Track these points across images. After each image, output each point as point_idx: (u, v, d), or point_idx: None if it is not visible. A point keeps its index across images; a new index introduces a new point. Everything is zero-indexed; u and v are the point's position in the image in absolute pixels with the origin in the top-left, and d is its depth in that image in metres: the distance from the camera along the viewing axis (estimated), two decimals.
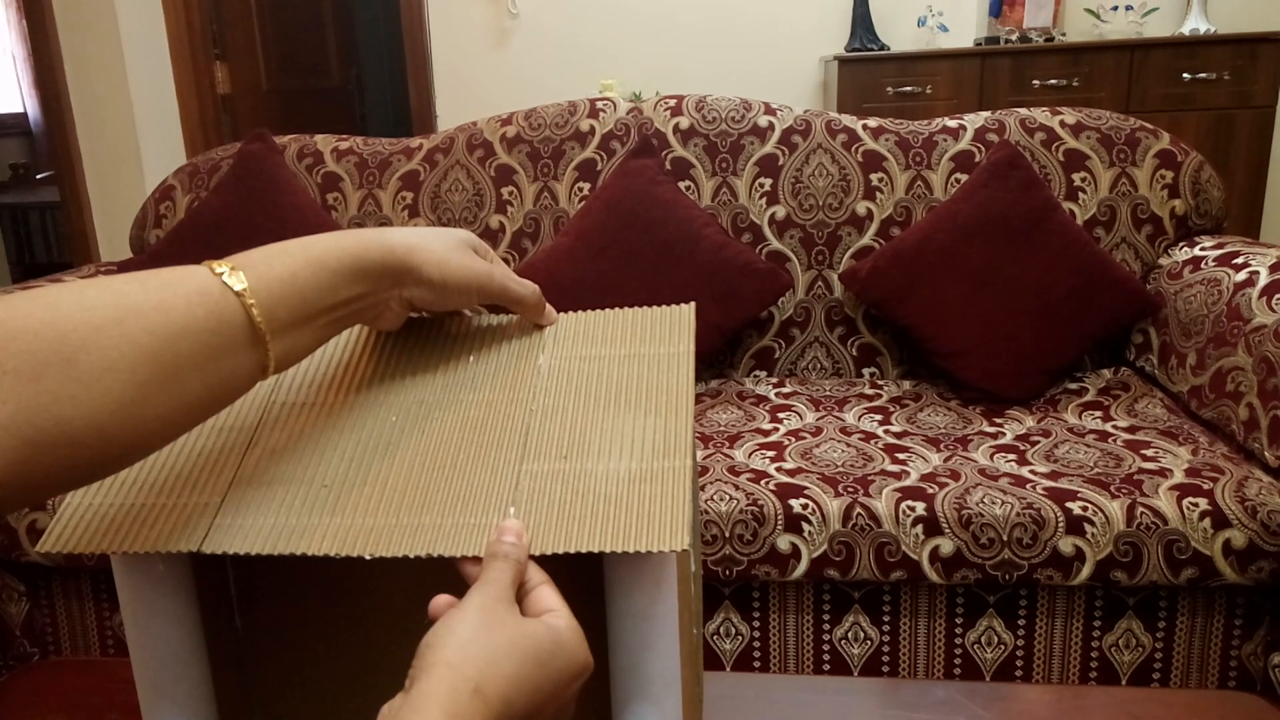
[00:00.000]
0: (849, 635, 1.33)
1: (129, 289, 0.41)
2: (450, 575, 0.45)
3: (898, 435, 1.49)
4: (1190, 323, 1.55)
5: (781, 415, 1.59)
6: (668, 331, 0.54)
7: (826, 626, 1.33)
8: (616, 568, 0.45)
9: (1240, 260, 1.51)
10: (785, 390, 1.73)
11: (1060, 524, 1.22)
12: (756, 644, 1.34)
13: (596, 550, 0.43)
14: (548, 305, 0.57)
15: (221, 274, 0.44)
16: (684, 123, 1.88)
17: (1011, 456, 1.38)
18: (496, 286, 0.54)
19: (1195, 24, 3.28)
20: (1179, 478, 1.26)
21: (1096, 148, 1.78)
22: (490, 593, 0.42)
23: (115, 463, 0.41)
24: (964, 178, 1.78)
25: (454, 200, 1.91)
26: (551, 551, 0.44)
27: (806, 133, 1.85)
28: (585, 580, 0.51)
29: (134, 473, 0.49)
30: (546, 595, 0.44)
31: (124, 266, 1.92)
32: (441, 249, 0.52)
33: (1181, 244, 1.74)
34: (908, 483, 1.30)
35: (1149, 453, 1.36)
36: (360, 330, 0.58)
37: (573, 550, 0.43)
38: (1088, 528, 1.21)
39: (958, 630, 1.31)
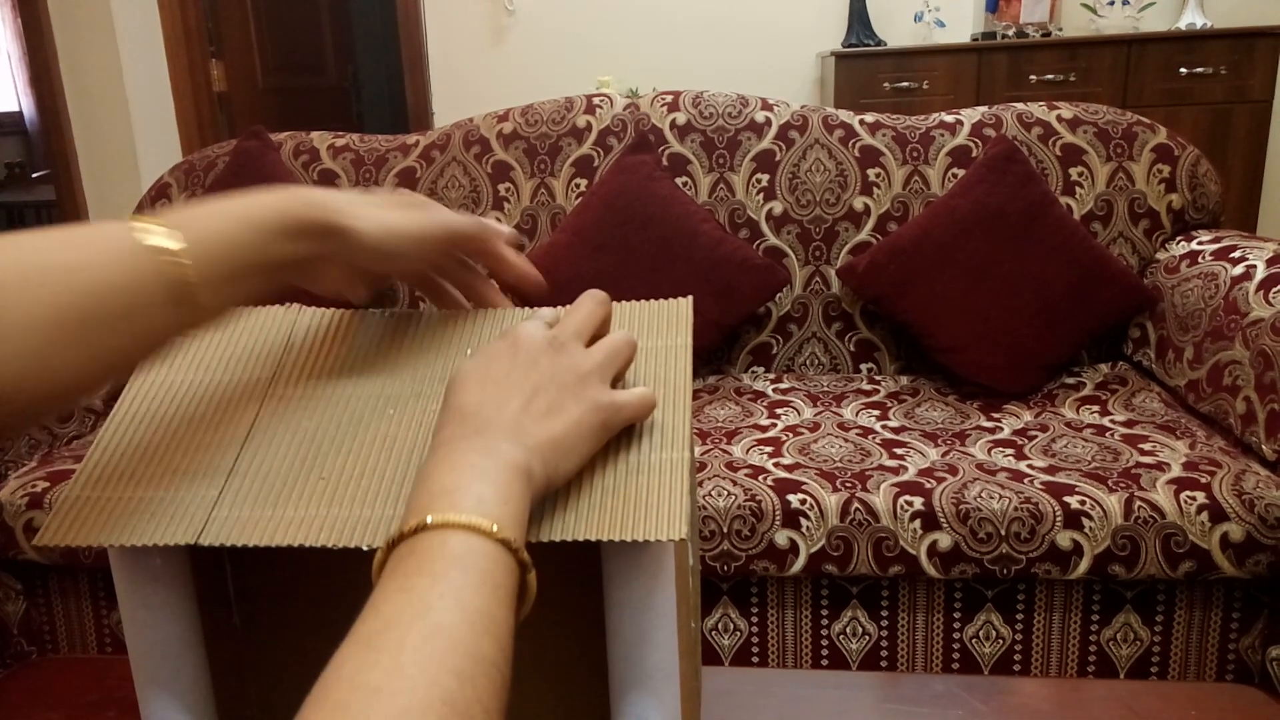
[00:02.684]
0: (847, 630, 1.33)
1: (50, 245, 0.41)
2: None
3: (895, 430, 1.49)
4: (1187, 317, 1.55)
5: (779, 411, 1.59)
6: (665, 324, 0.54)
7: (825, 621, 1.33)
8: (614, 558, 0.45)
9: (1237, 254, 1.51)
10: (783, 386, 1.73)
11: (1058, 518, 1.22)
12: (755, 639, 1.35)
13: (594, 539, 0.43)
14: (514, 255, 0.56)
15: (148, 231, 0.43)
16: (681, 118, 1.88)
17: (1009, 451, 1.38)
18: (441, 230, 0.53)
19: (1192, 18, 3.28)
20: (1176, 471, 1.26)
21: (1093, 142, 1.78)
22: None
23: (31, 417, 0.41)
24: (961, 173, 1.78)
25: (451, 197, 1.91)
26: (549, 540, 0.44)
27: (803, 128, 1.85)
28: (583, 571, 0.51)
29: (131, 466, 0.49)
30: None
31: None
32: (375, 207, 0.52)
33: (1178, 238, 1.74)
34: (905, 478, 1.30)
35: (1146, 447, 1.36)
36: (358, 323, 0.57)
37: (570, 539, 0.43)
38: (1085, 522, 1.21)
39: (956, 624, 1.31)
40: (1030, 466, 1.32)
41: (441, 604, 0.36)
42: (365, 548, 0.44)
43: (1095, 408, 1.54)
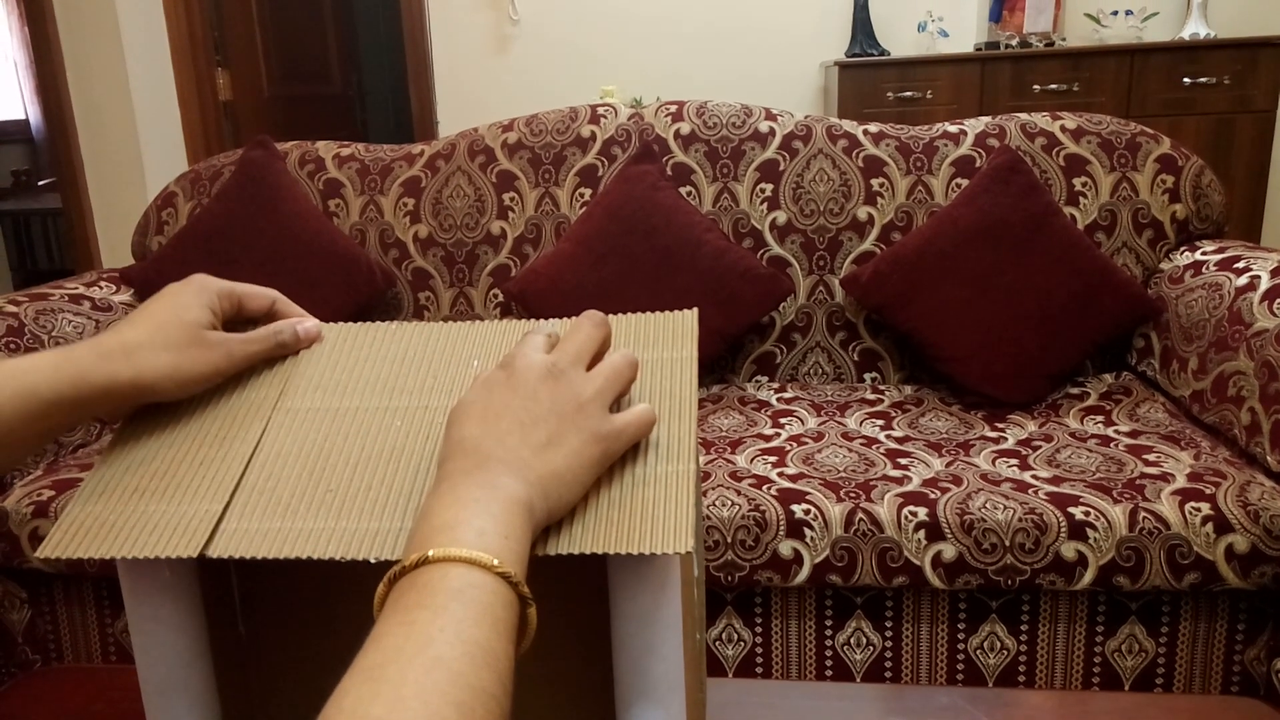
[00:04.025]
0: (851, 641, 1.33)
1: None
2: None
3: (899, 440, 1.49)
4: (1192, 327, 1.55)
5: (783, 420, 1.59)
6: (670, 336, 0.54)
7: (829, 632, 1.33)
8: (620, 571, 0.45)
9: (1241, 265, 1.51)
10: (787, 395, 1.73)
11: (1062, 529, 1.22)
12: (759, 650, 1.34)
13: (600, 553, 0.43)
14: (303, 326, 0.57)
15: None
16: (685, 128, 1.88)
17: (1013, 461, 1.38)
18: (239, 362, 0.54)
19: (1195, 28, 3.28)
20: (1181, 482, 1.26)
21: (1097, 152, 1.78)
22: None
23: None
24: (965, 183, 1.78)
25: (455, 206, 1.91)
26: (555, 553, 0.44)
27: (807, 138, 1.85)
28: (589, 583, 0.51)
29: (137, 480, 0.49)
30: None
31: (125, 273, 1.93)
32: (170, 358, 0.51)
33: (1182, 248, 1.74)
34: (910, 488, 1.29)
35: (1151, 457, 1.35)
36: (363, 335, 0.58)
37: (576, 552, 0.44)
38: (1090, 533, 1.21)
39: (960, 636, 1.31)
40: (1034, 477, 1.32)
41: (442, 637, 0.37)
42: (373, 560, 0.44)
43: (1099, 418, 1.54)
